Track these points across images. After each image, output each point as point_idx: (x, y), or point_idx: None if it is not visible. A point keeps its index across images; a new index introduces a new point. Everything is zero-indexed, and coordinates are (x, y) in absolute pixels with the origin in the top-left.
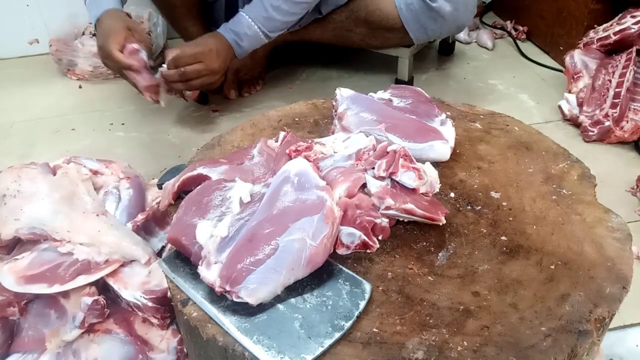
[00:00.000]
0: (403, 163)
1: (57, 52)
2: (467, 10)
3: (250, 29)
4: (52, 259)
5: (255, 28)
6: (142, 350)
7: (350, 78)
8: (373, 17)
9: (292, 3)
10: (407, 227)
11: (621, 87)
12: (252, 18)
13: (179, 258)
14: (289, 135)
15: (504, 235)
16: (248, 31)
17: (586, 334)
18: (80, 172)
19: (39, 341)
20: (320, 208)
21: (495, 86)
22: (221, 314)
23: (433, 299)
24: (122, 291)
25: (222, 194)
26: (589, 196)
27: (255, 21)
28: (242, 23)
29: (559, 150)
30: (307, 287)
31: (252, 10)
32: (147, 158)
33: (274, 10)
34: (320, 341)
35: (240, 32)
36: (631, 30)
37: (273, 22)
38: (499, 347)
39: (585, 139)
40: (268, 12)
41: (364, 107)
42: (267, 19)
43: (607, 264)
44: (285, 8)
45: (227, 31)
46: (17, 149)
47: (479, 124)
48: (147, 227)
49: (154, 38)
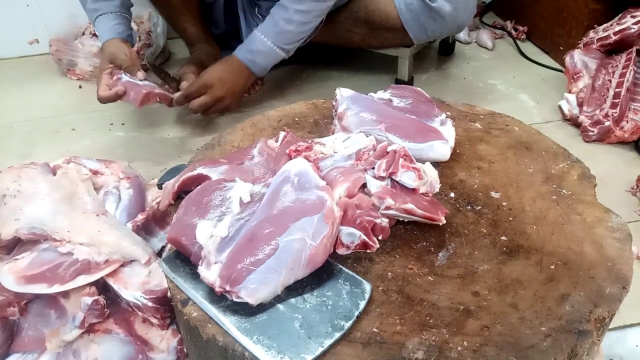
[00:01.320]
0: (403, 163)
1: (57, 52)
2: (466, 10)
3: (263, 44)
4: (52, 259)
5: (269, 43)
6: (142, 350)
7: (350, 78)
8: (373, 17)
9: (303, 13)
10: (407, 227)
11: (621, 87)
12: (263, 34)
13: (179, 258)
14: (289, 135)
15: (504, 235)
16: (261, 47)
17: (586, 334)
18: (80, 172)
19: (39, 341)
20: (320, 208)
21: (495, 86)
22: (221, 314)
23: (433, 299)
24: (122, 291)
25: (222, 194)
26: (589, 196)
27: (267, 37)
28: (255, 41)
29: (559, 150)
30: (307, 287)
31: (264, 26)
32: (147, 158)
33: (286, 22)
34: (320, 341)
35: (253, 50)
36: (631, 30)
37: (287, 35)
38: (499, 347)
39: (585, 139)
40: (279, 26)
41: (364, 107)
42: (279, 32)
43: (607, 264)
44: (297, 19)
45: (241, 52)
46: (17, 149)
47: (479, 124)
48: (147, 227)
49: (154, 38)
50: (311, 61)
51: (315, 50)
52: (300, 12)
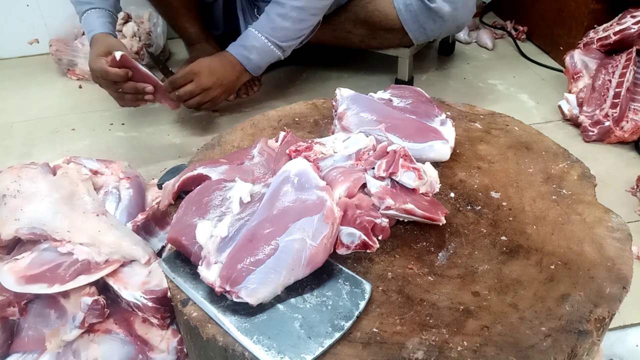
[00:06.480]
0: (403, 163)
1: (57, 52)
2: (466, 10)
3: (257, 40)
4: (52, 259)
5: (263, 39)
6: (142, 350)
7: (350, 78)
8: (372, 18)
9: (299, 10)
10: (407, 227)
11: (621, 87)
12: (258, 30)
13: (179, 258)
14: (289, 135)
15: (504, 235)
16: (256, 43)
17: (586, 334)
18: (80, 172)
19: (39, 341)
20: (320, 208)
21: (495, 86)
22: (221, 314)
23: (433, 299)
24: (122, 291)
25: (222, 194)
26: (589, 196)
27: (262, 33)
28: (249, 36)
29: (559, 150)
30: (307, 287)
31: (259, 23)
32: (147, 158)
33: (282, 18)
34: (320, 341)
35: (247, 45)
36: (631, 30)
37: (282, 31)
38: (499, 347)
39: (585, 139)
40: (275, 22)
41: (364, 107)
42: (275, 29)
43: (607, 264)
44: (294, 15)
45: (234, 47)
46: (17, 149)
47: (479, 124)
48: (147, 227)
49: (154, 38)
50: (311, 61)
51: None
52: (296, 9)
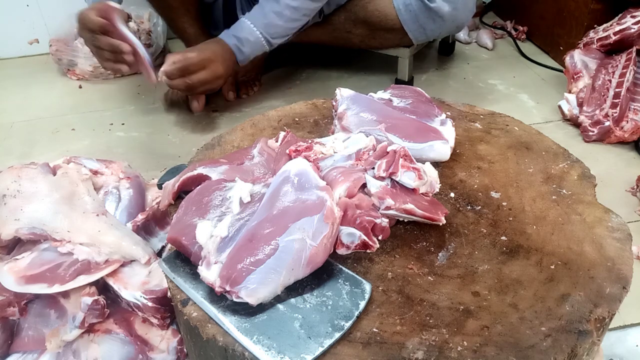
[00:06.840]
0: (403, 163)
1: (57, 52)
2: (466, 10)
3: (252, 34)
4: (52, 259)
5: (257, 34)
6: (142, 350)
7: (350, 78)
8: (372, 18)
9: (293, 9)
10: (407, 227)
11: (621, 87)
12: (253, 24)
13: (179, 258)
14: (289, 135)
15: (504, 235)
16: (250, 37)
17: (586, 334)
18: (80, 172)
19: (39, 341)
20: (320, 208)
21: (495, 86)
22: (221, 314)
23: (433, 299)
24: (122, 291)
25: (222, 194)
26: (589, 196)
27: (256, 27)
28: (244, 29)
29: (559, 150)
30: (307, 287)
31: (253, 16)
32: (147, 158)
33: (276, 16)
34: (320, 341)
35: (242, 38)
36: (631, 30)
37: (274, 28)
38: (499, 347)
39: (585, 139)
40: (269, 18)
41: (364, 107)
42: (268, 25)
43: (607, 264)
44: (287, 14)
45: (228, 37)
46: (17, 149)
47: (479, 124)
48: (147, 227)
49: (154, 38)
50: (311, 61)
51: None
52: (290, 8)
